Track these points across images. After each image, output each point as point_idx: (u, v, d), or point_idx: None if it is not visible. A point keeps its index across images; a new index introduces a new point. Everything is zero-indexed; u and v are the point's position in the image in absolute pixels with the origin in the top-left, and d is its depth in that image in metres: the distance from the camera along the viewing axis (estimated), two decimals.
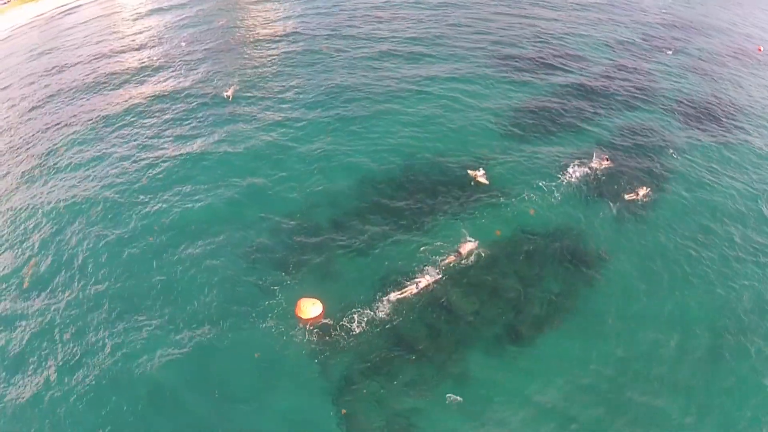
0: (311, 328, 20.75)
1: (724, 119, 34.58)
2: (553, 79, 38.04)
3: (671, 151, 30.75)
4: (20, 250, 25.97)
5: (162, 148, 32.00)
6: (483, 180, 27.07)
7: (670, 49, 43.51)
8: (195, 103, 36.54)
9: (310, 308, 20.90)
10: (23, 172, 31.88)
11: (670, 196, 27.48)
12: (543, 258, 23.83)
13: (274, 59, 42.43)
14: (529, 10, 50.93)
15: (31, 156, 33.58)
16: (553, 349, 20.26)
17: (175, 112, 35.84)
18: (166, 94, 38.39)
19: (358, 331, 20.61)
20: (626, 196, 26.85)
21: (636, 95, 36.57)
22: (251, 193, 27.85)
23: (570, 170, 28.18)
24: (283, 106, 35.42)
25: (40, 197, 29.36)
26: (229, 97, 36.10)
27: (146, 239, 25.33)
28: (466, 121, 33.05)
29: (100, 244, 25.37)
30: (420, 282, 22.07)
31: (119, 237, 25.66)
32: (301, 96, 36.35)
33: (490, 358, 20.00)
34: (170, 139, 32.92)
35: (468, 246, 23.54)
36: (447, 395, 18.67)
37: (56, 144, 34.08)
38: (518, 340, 20.56)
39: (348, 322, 20.83)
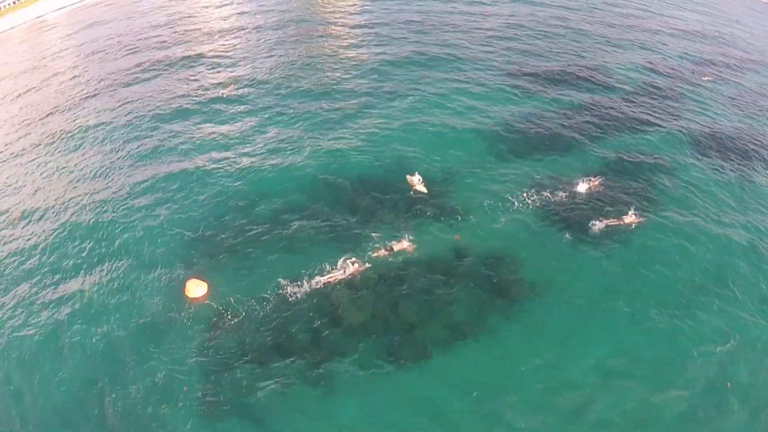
0: (195, 307, 21.19)
1: (745, 160, 30.25)
2: (568, 95, 35.51)
3: (671, 185, 27.54)
4: None
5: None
6: (421, 188, 25.93)
7: (707, 76, 39.59)
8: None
9: (195, 288, 21.49)
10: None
11: (649, 236, 24.42)
12: (464, 280, 22.21)
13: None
14: (569, 23, 48.18)
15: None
16: (421, 379, 18.76)
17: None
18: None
19: (241, 315, 20.78)
20: (604, 222, 24.60)
21: (654, 118, 33.22)
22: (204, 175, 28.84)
23: (544, 192, 26.20)
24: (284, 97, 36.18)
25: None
26: (224, 94, 36.96)
27: None
28: (448, 128, 31.74)
29: None
30: (325, 279, 21.82)
31: None
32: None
33: (358, 372, 19.02)
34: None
35: (402, 245, 23.18)
36: None
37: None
38: (396, 360, 19.32)
39: (233, 307, 21.02)
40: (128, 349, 20.13)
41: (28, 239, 26.15)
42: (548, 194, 26.25)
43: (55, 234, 26.12)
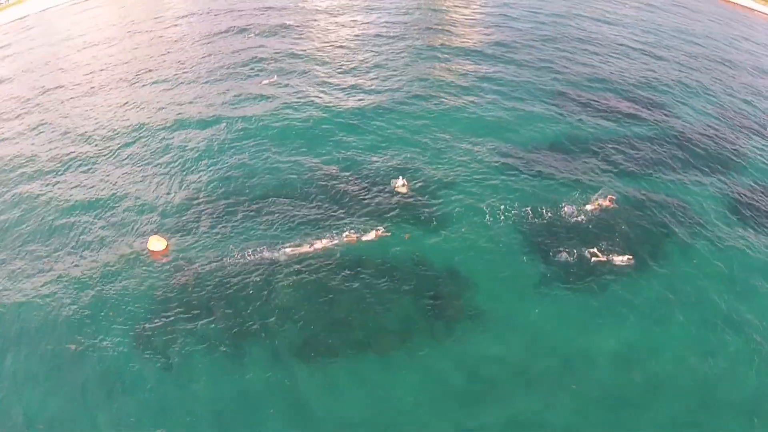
0: (155, 260, 23.48)
1: None
2: (610, 122, 33.22)
3: (685, 239, 24.22)
4: None
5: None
6: (403, 189, 26.46)
7: None
8: None
9: (155, 243, 23.82)
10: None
11: (631, 287, 21.58)
12: (409, 286, 21.47)
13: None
14: (651, 50, 44.85)
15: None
16: (326, 378, 18.52)
17: None
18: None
19: (191, 271, 22.59)
20: (588, 257, 22.56)
21: (697, 165, 29.85)
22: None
23: (537, 213, 24.73)
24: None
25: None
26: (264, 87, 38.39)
27: None
28: (464, 135, 31.18)
29: None
30: (289, 251, 22.94)
31: None
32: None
33: (262, 352, 19.41)
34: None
35: (369, 236, 23.51)
36: None
37: None
38: (305, 358, 19.15)
39: (187, 264, 23.03)
40: (89, 290, 22.38)
41: None
42: (540, 216, 24.79)
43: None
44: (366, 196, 26.23)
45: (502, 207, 25.10)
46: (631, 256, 22.85)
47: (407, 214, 25.02)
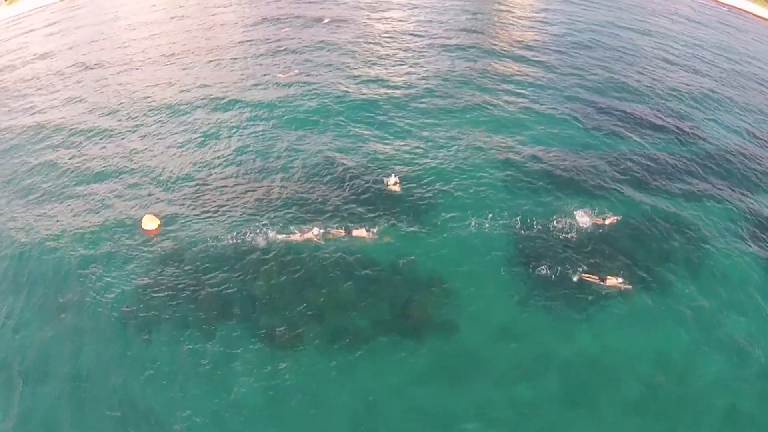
0: (147, 238, 24.25)
1: None
2: (634, 135, 31.72)
3: (692, 265, 22.67)
4: None
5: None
6: (396, 188, 26.24)
7: None
8: None
9: (148, 222, 24.46)
10: None
11: (621, 315, 20.34)
12: (386, 289, 21.13)
13: None
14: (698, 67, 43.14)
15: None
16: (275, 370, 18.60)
17: None
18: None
19: (181, 250, 23.21)
20: (579, 275, 21.55)
21: (714, 185, 28.17)
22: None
23: (532, 225, 23.80)
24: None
25: None
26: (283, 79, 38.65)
27: None
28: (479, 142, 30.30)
29: None
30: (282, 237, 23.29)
31: None
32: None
33: (233, 335, 19.76)
34: None
35: (359, 232, 23.51)
36: None
37: None
38: (275, 348, 19.25)
39: (178, 243, 23.66)
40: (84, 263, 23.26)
41: None
42: (535, 228, 23.87)
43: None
44: (360, 191, 26.16)
45: (496, 215, 24.40)
46: (626, 279, 21.64)
47: (396, 214, 24.78)
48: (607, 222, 24.68)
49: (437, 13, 52.77)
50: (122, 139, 32.67)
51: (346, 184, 26.76)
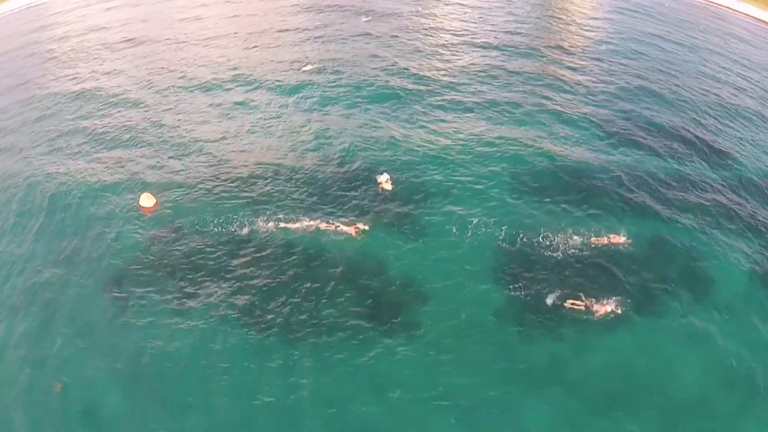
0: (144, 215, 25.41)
1: None
2: (649, 157, 30.13)
3: (688, 295, 21.21)
4: None
5: None
6: (387, 186, 26.38)
7: None
8: None
9: (145, 200, 25.66)
10: None
11: (601, 342, 19.42)
12: (367, 289, 21.21)
13: None
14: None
15: None
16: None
17: None
18: None
19: (173, 229, 24.22)
20: (563, 298, 20.51)
21: (734, 219, 26.06)
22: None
23: (525, 240, 23.01)
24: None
25: None
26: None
27: None
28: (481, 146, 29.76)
29: None
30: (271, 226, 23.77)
31: None
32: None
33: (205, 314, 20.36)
34: None
35: (346, 227, 23.71)
36: None
37: None
38: (242, 326, 19.93)
39: (170, 222, 24.68)
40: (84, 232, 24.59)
41: None
42: (530, 244, 23.07)
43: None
44: (353, 187, 26.39)
45: (489, 224, 23.92)
46: (614, 308, 20.44)
47: (383, 212, 24.84)
48: (602, 243, 23.51)
49: (484, 13, 52.16)
50: (147, 111, 34.37)
51: (343, 177, 27.17)
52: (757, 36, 52.39)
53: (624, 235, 23.83)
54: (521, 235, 23.50)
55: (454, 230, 23.60)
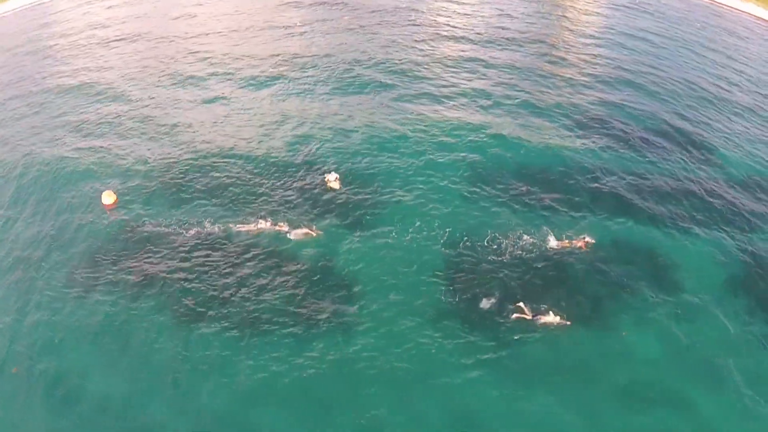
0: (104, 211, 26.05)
1: None
2: (625, 154, 29.60)
3: (657, 303, 20.73)
4: None
5: None
6: (335, 185, 26.38)
7: None
8: None
9: (106, 198, 26.37)
10: None
11: (543, 354, 18.93)
12: (306, 288, 21.41)
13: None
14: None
15: None
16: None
17: None
18: None
19: (132, 226, 24.76)
20: (508, 305, 19.88)
21: (711, 222, 25.40)
22: None
23: (485, 241, 22.48)
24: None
25: None
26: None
27: None
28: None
29: None
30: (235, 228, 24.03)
31: None
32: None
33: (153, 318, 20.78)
34: None
35: (295, 229, 23.80)
36: None
37: None
38: (187, 322, 20.35)
39: (132, 219, 25.15)
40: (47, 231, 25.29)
41: None
42: (474, 244, 22.66)
43: None
44: (302, 186, 26.49)
45: (433, 226, 23.73)
46: (565, 318, 19.91)
47: (331, 212, 24.96)
48: (572, 246, 22.91)
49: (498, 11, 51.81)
50: (131, 106, 35.03)
51: (292, 177, 27.30)
52: (755, 33, 51.58)
53: (586, 236, 23.32)
54: (468, 234, 23.21)
55: (394, 233, 23.39)
